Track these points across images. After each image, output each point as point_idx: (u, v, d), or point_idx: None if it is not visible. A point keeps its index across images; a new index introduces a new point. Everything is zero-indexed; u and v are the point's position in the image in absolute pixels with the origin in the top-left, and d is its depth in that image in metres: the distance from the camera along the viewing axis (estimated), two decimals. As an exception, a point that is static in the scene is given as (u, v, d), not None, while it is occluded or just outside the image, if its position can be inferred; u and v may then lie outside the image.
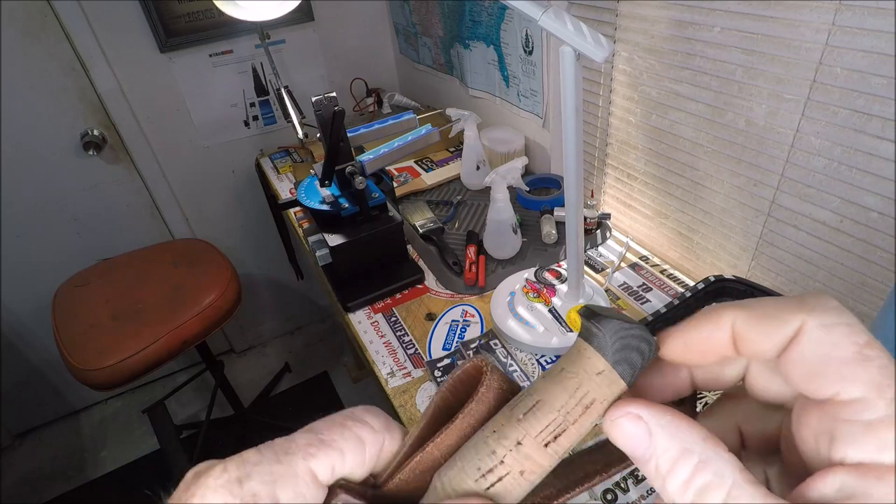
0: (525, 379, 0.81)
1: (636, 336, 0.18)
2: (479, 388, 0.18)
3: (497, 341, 0.87)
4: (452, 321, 0.93)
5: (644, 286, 0.96)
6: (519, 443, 0.17)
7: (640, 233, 1.08)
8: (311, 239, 1.00)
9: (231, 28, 1.54)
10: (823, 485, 0.15)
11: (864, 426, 0.15)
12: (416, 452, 0.18)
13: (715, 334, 0.18)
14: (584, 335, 0.19)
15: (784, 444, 0.19)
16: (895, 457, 0.14)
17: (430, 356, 0.87)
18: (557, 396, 0.17)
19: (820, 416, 0.16)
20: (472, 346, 0.86)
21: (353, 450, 0.17)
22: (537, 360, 0.83)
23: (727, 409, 0.22)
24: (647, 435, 0.17)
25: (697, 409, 0.22)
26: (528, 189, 1.13)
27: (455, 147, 1.50)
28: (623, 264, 1.02)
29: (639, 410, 0.18)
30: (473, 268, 1.00)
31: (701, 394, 0.21)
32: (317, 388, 2.01)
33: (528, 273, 0.95)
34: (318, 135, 0.93)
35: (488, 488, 0.17)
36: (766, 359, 0.18)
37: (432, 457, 0.18)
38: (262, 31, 1.30)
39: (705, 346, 0.18)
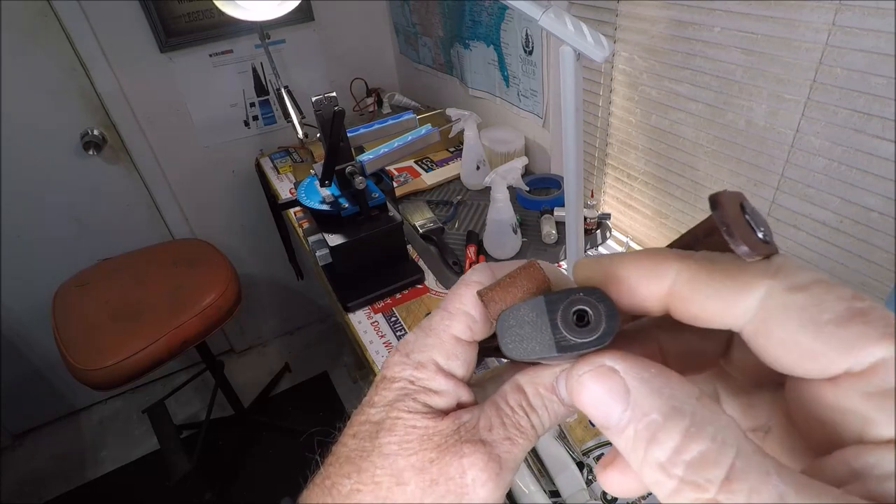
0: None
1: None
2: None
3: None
4: (452, 321, 0.93)
5: (644, 286, 0.96)
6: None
7: (640, 233, 1.08)
8: (311, 239, 1.00)
9: (231, 28, 1.54)
10: (870, 457, 0.12)
11: None
12: None
13: (651, 284, 0.14)
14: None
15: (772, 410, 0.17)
16: None
17: (430, 356, 0.87)
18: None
19: (835, 394, 0.13)
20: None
21: (476, 306, 0.19)
22: (537, 360, 0.83)
23: (647, 331, 0.19)
24: (623, 393, 0.13)
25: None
26: (528, 189, 1.13)
27: (455, 147, 1.50)
28: (623, 264, 1.02)
29: (613, 362, 0.14)
30: (473, 268, 1.00)
31: None
32: (317, 388, 2.01)
33: (528, 273, 0.95)
34: (318, 135, 0.93)
35: None
36: (714, 327, 0.14)
37: None
38: (262, 31, 1.30)
39: (637, 292, 0.15)
